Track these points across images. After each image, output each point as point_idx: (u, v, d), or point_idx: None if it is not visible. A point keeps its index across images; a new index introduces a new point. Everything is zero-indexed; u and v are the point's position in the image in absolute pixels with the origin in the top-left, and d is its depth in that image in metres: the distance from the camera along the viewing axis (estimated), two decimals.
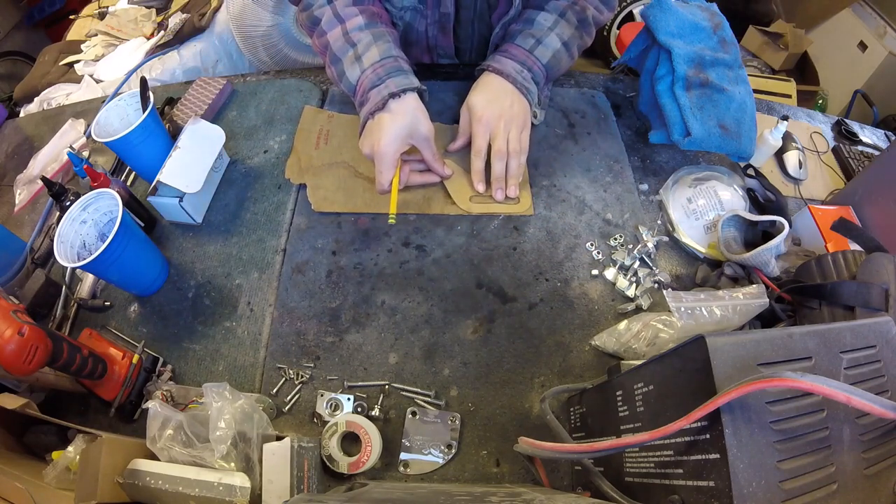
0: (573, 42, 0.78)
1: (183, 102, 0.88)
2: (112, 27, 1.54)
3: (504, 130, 0.72)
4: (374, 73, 0.69)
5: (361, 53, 0.70)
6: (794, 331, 0.35)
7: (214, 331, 0.67)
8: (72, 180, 0.86)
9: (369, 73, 0.69)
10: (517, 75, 0.74)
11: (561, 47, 0.76)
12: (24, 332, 0.49)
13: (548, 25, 0.76)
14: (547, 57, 0.76)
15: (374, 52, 0.70)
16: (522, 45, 0.75)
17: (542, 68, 0.76)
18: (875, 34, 1.90)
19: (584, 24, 0.78)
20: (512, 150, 0.72)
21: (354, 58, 0.71)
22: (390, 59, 0.70)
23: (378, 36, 0.71)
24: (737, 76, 0.77)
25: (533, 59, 0.75)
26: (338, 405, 0.60)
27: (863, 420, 0.35)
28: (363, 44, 0.71)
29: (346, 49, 0.72)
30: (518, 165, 0.74)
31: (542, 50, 0.75)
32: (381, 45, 0.71)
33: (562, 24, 0.76)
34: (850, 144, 0.95)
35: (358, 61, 0.71)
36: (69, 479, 0.53)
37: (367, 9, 0.74)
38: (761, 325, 0.62)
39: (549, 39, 0.76)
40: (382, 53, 0.70)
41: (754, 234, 0.71)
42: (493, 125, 0.72)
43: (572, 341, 0.65)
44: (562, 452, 0.41)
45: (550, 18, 0.76)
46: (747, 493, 0.30)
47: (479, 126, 0.72)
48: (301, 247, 0.73)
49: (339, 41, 0.72)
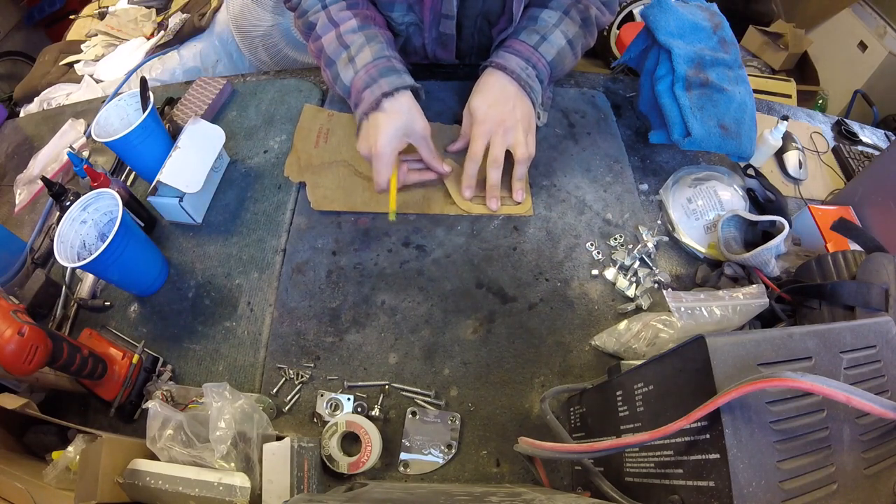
0: (577, 40, 0.77)
1: (183, 102, 0.88)
2: (112, 27, 1.54)
3: (503, 137, 0.70)
4: (367, 74, 0.69)
5: (354, 55, 0.71)
6: (794, 331, 0.35)
7: (214, 331, 0.67)
8: (72, 180, 0.86)
9: (362, 74, 0.69)
10: (521, 72, 0.72)
11: (566, 45, 0.76)
12: (24, 332, 0.49)
13: (552, 22, 0.75)
14: (552, 54, 0.75)
15: (367, 52, 0.70)
16: (527, 40, 0.74)
17: (547, 66, 0.75)
18: (875, 34, 1.89)
19: (588, 24, 0.77)
20: (520, 155, 0.71)
21: (348, 59, 0.71)
22: (383, 59, 0.70)
23: (371, 37, 0.71)
24: (737, 76, 0.77)
25: (538, 55, 0.74)
26: (338, 405, 0.60)
27: (863, 420, 0.35)
28: (356, 45, 0.71)
29: (340, 51, 0.72)
30: (525, 171, 0.73)
31: (546, 46, 0.74)
32: (373, 46, 0.71)
33: (566, 21, 0.76)
34: (850, 144, 0.95)
35: (351, 63, 0.71)
36: (69, 479, 0.53)
37: (361, 12, 0.74)
38: (761, 325, 0.62)
39: (553, 36, 0.75)
40: (375, 54, 0.70)
41: (754, 234, 0.71)
42: (493, 131, 0.71)
43: (572, 341, 0.65)
44: (562, 452, 0.41)
45: (555, 16, 0.75)
46: (747, 493, 0.30)
47: (478, 129, 0.71)
48: (301, 247, 0.73)
49: (332, 44, 0.72)
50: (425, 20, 0.78)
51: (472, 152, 0.71)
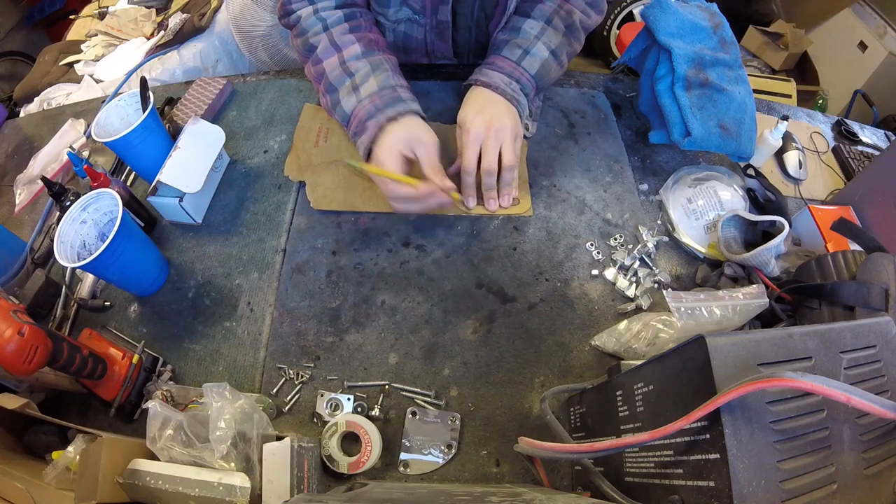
0: (561, 50, 0.76)
1: (183, 102, 0.88)
2: (112, 27, 1.54)
3: (495, 142, 0.69)
4: (372, 104, 0.67)
5: (359, 84, 0.69)
6: (794, 331, 0.35)
7: (214, 331, 0.67)
8: (72, 180, 0.86)
9: (367, 104, 0.68)
10: (506, 87, 0.72)
11: (549, 56, 0.75)
12: (24, 332, 0.49)
13: (534, 34, 0.74)
14: (535, 67, 0.74)
15: (372, 82, 0.69)
16: (509, 56, 0.74)
17: (531, 79, 0.74)
18: (875, 34, 1.90)
19: (572, 30, 0.77)
20: (506, 161, 0.69)
21: (351, 88, 0.69)
22: (388, 89, 0.68)
23: (376, 66, 0.70)
24: (737, 76, 0.77)
25: (521, 70, 0.73)
26: (338, 405, 0.60)
27: (863, 420, 0.35)
28: (361, 74, 0.69)
29: (343, 79, 0.70)
30: (513, 177, 0.72)
31: (529, 60, 0.74)
32: (379, 76, 0.69)
33: (549, 31, 0.75)
34: (850, 144, 0.95)
35: (355, 92, 0.69)
36: (69, 479, 0.53)
37: (365, 36, 0.72)
38: (761, 325, 0.62)
39: (536, 49, 0.74)
40: (381, 84, 0.69)
41: (754, 234, 0.71)
42: (482, 136, 0.69)
43: (572, 341, 0.65)
44: (562, 452, 0.41)
45: (537, 26, 0.75)
46: (747, 493, 0.30)
47: (468, 137, 0.69)
48: (301, 247, 0.73)
49: (335, 70, 0.70)
50: (426, 7, 0.78)
51: (466, 163, 0.70)
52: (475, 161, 0.70)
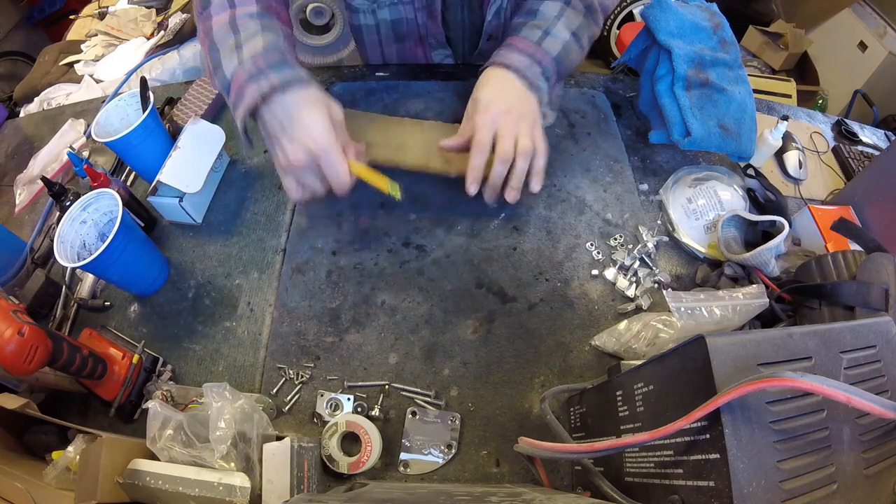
0: (582, 32, 0.71)
1: (183, 102, 0.88)
2: (112, 27, 1.54)
3: (513, 128, 0.63)
4: (255, 65, 0.57)
5: (243, 42, 0.58)
6: (794, 331, 0.35)
7: (214, 331, 0.67)
8: (72, 180, 0.86)
9: (248, 65, 0.57)
10: (526, 70, 0.66)
11: (570, 38, 0.70)
12: (24, 332, 0.49)
13: (554, 14, 0.70)
14: (556, 49, 0.69)
15: (259, 41, 0.58)
16: (529, 37, 0.68)
17: (552, 62, 0.69)
18: (875, 34, 1.90)
19: (592, 11, 0.73)
20: (522, 148, 0.63)
21: (234, 45, 0.58)
22: (276, 52, 0.58)
23: (268, 27, 0.60)
24: (737, 76, 0.77)
25: (542, 51, 0.68)
26: (338, 405, 0.60)
27: (863, 420, 0.35)
28: (248, 31, 0.59)
29: (228, 36, 0.59)
30: (524, 168, 0.64)
31: (550, 41, 0.68)
32: (267, 35, 0.59)
33: (569, 11, 0.70)
34: (850, 144, 0.95)
35: (237, 50, 0.58)
36: (69, 479, 0.53)
37: (269, 4, 0.64)
38: (761, 325, 0.62)
39: (556, 30, 0.69)
40: (268, 44, 0.58)
41: (754, 234, 0.71)
42: (500, 119, 0.63)
43: (572, 341, 0.65)
44: (562, 452, 0.41)
45: (556, 7, 0.70)
46: (747, 493, 0.30)
47: (485, 116, 0.63)
48: (301, 247, 0.73)
49: (223, 27, 0.60)
50: None
51: (479, 141, 0.63)
52: (490, 141, 0.64)
